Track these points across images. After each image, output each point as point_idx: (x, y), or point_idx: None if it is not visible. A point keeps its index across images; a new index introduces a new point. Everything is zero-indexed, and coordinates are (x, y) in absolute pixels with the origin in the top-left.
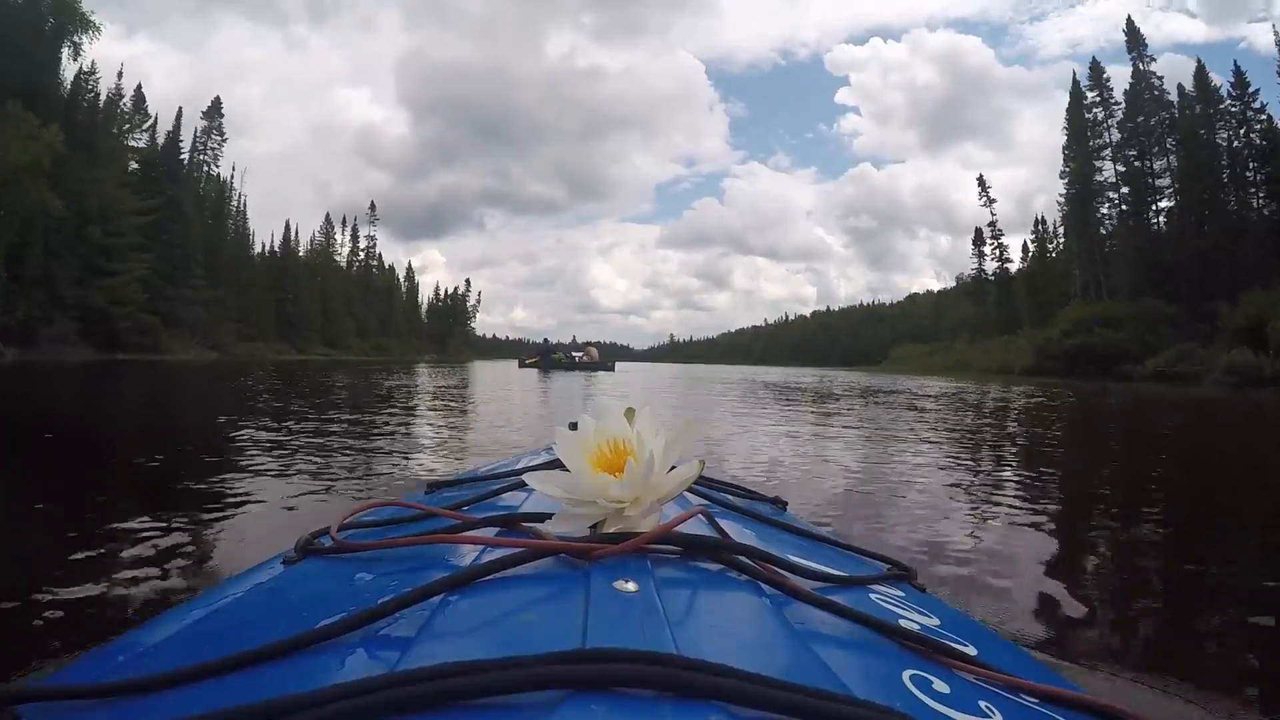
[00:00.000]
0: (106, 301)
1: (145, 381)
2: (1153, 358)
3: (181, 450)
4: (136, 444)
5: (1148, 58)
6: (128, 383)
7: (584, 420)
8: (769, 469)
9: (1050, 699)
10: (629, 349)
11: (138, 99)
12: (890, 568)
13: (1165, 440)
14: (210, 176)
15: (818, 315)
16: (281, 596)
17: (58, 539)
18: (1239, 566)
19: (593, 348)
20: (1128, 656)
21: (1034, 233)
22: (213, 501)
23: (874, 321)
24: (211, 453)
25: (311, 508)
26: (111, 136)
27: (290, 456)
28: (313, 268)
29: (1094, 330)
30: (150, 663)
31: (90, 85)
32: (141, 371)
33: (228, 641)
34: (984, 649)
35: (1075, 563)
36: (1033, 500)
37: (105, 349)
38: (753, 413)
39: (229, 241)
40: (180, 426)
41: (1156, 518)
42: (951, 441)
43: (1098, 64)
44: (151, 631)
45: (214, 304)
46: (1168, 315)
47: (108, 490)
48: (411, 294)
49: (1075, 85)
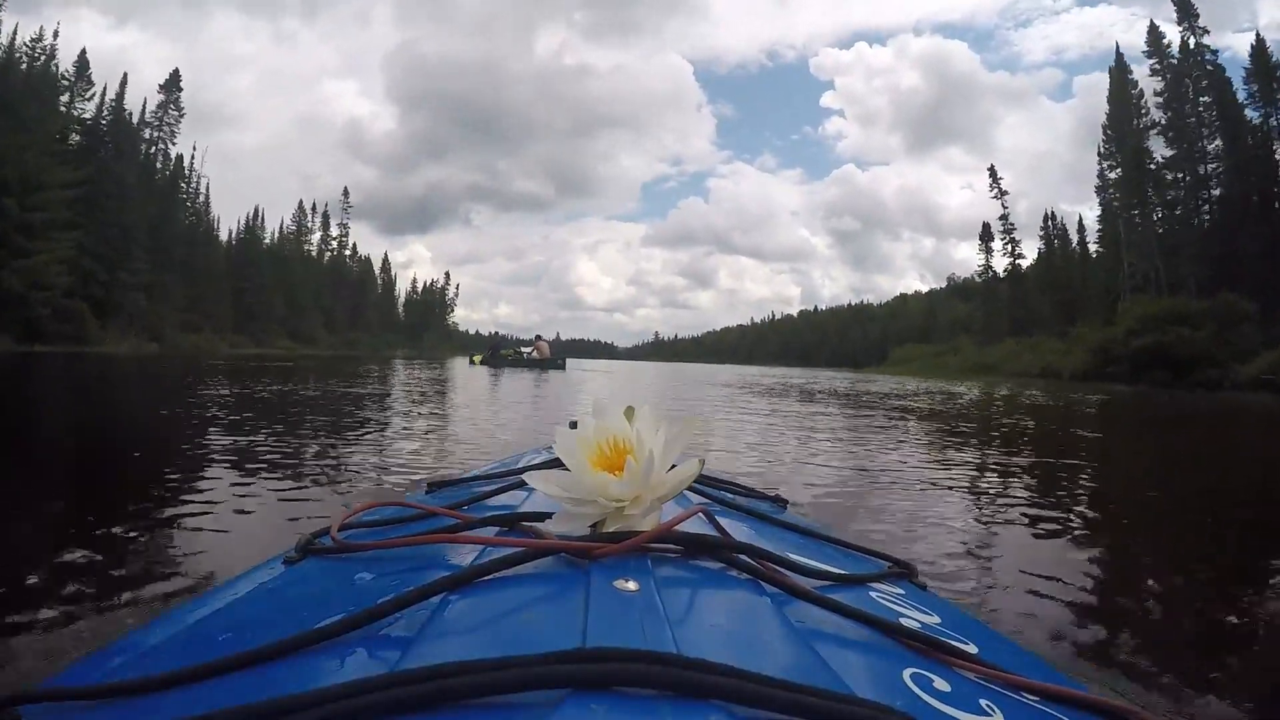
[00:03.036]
0: (23, 285)
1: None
2: (1242, 362)
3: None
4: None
5: (1200, 28)
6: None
7: (584, 419)
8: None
9: (1052, 697)
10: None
11: (81, 65)
12: (891, 566)
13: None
14: (166, 156)
15: (805, 315)
16: (282, 596)
17: (57, 540)
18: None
19: (543, 342)
20: (1129, 656)
21: (1043, 229)
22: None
23: (863, 321)
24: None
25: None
26: (39, 101)
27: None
28: (278, 256)
29: (1168, 329)
30: (151, 663)
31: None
32: (42, 367)
33: (228, 642)
34: (985, 647)
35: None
36: None
37: (22, 339)
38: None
39: (180, 224)
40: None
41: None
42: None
43: (1155, 28)
44: (152, 632)
45: (158, 290)
46: (1246, 313)
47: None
48: (388, 286)
49: (1118, 58)
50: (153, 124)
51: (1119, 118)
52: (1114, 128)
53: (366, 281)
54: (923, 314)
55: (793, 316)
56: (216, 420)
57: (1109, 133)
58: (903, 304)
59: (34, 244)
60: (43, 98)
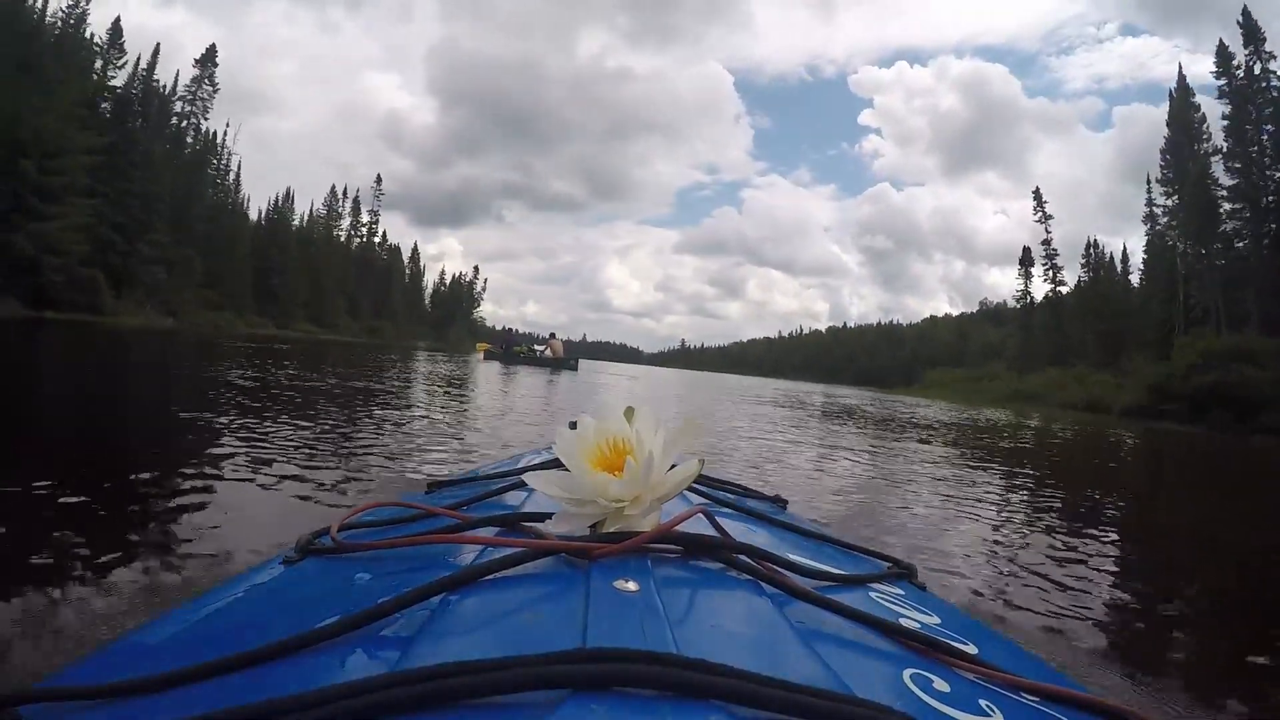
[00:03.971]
0: (36, 249)
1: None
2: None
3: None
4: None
5: (1266, 54)
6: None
7: (584, 419)
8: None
9: (1052, 698)
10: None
11: (115, 34)
12: (891, 566)
13: None
14: (199, 131)
15: (833, 331)
16: (281, 596)
17: (55, 538)
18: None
19: (557, 341)
20: (1129, 655)
21: (1084, 257)
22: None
23: (891, 342)
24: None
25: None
26: (62, 65)
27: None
28: (305, 238)
29: (1232, 368)
30: (150, 663)
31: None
32: (49, 335)
33: (228, 642)
34: (985, 648)
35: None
36: None
37: (32, 305)
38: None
39: (207, 200)
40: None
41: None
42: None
43: (1224, 48)
44: (151, 632)
45: (179, 265)
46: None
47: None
48: (416, 277)
49: (1180, 79)
50: (185, 98)
51: (1179, 143)
52: (1173, 153)
53: (394, 270)
54: (953, 337)
55: (820, 332)
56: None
57: (1167, 157)
58: (932, 326)
59: (50, 208)
60: (66, 61)
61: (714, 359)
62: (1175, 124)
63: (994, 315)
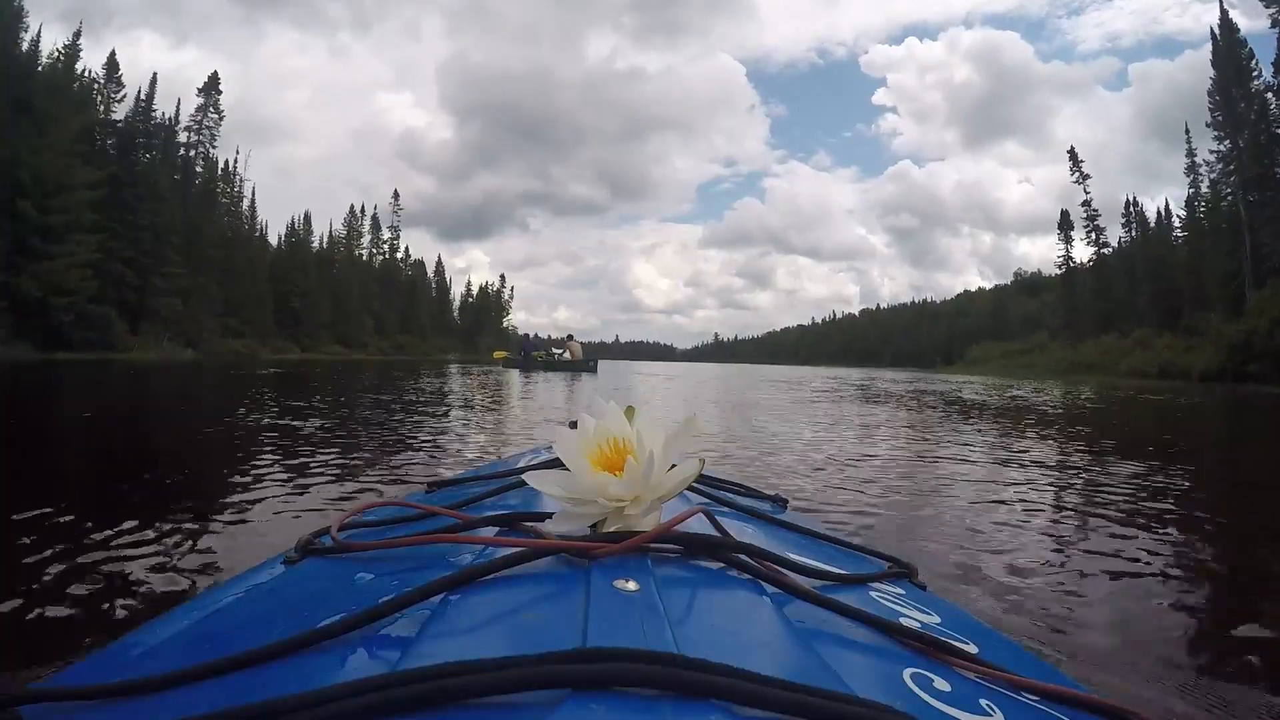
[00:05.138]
0: (42, 291)
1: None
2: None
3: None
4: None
5: None
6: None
7: (584, 419)
8: None
9: (1052, 697)
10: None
11: (110, 67)
12: (891, 566)
13: None
14: (207, 160)
15: (867, 313)
16: (282, 596)
17: (55, 541)
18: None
19: (575, 343)
20: (1130, 655)
21: (1124, 215)
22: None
23: (928, 320)
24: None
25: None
26: (60, 100)
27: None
28: (326, 260)
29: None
30: (151, 663)
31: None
32: (47, 376)
33: (228, 642)
34: (985, 647)
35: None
36: None
37: (44, 347)
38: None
39: (220, 227)
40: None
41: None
42: None
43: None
44: (152, 632)
45: (196, 295)
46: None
47: (102, 494)
48: (442, 290)
49: (1223, 13)
50: (191, 128)
51: (1226, 83)
52: (1221, 93)
53: (419, 286)
54: (990, 311)
55: (854, 316)
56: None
57: (1216, 98)
58: (968, 301)
59: (53, 248)
60: (60, 97)
61: (749, 350)
62: (1221, 64)
63: (1029, 285)
